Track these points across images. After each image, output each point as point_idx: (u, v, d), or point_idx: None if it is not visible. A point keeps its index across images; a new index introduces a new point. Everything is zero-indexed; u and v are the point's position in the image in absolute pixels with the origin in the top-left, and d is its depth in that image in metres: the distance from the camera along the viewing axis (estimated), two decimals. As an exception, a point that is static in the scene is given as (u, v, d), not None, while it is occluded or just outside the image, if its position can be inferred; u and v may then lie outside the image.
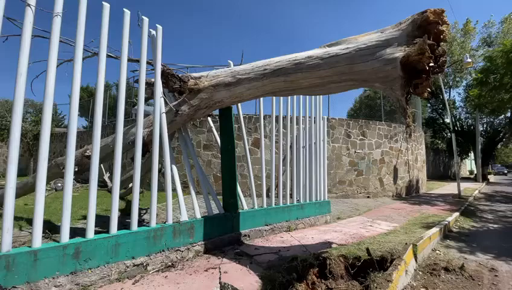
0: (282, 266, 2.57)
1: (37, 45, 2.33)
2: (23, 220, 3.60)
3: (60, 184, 6.52)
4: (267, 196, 3.98)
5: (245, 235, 3.42)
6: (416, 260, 2.91)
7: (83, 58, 2.30)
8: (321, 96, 4.85)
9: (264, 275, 2.38)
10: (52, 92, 2.04)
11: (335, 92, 3.05)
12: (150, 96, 3.13)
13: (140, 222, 2.66)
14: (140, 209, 3.57)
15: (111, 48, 2.79)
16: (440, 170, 23.19)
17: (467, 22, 17.75)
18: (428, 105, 21.14)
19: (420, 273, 2.74)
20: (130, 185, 3.98)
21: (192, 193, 3.14)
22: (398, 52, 2.25)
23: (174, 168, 3.00)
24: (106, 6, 2.40)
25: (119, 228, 2.40)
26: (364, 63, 2.43)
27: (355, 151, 8.70)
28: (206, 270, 2.47)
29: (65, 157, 2.26)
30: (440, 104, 20.08)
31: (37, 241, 1.96)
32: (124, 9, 2.53)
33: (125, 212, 4.31)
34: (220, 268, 2.52)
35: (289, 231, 4.01)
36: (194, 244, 2.85)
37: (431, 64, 2.22)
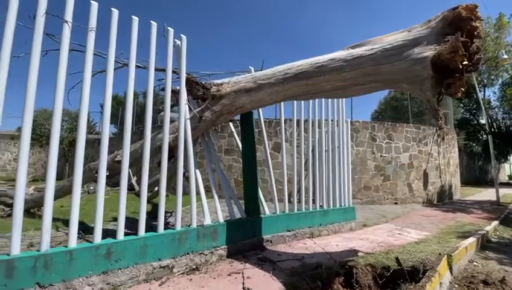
0: (306, 274, 2.51)
1: (73, 57, 2.52)
2: (59, 221, 3.86)
3: (92, 187, 6.93)
4: (289, 201, 3.94)
5: (267, 241, 3.39)
6: (451, 272, 2.71)
7: (114, 69, 2.45)
8: (344, 99, 4.74)
9: (287, 282, 2.34)
10: (87, 102, 2.20)
11: (359, 94, 2.97)
12: (174, 103, 3.25)
13: (166, 225, 2.74)
14: (165, 212, 3.69)
15: (139, 59, 2.95)
16: (475, 175, 21.55)
17: (500, 16, 16.51)
18: (461, 105, 19.80)
19: (456, 286, 2.54)
20: (156, 188, 4.13)
21: (215, 197, 3.19)
22: (428, 51, 2.15)
23: (198, 172, 3.07)
24: (135, 20, 2.54)
25: (146, 230, 2.49)
26: (391, 64, 2.34)
27: (381, 155, 8.35)
28: (230, 275, 2.48)
29: (98, 162, 2.41)
30: (474, 104, 18.72)
31: (73, 241, 2.09)
32: (151, 21, 2.66)
33: (151, 215, 4.47)
34: (243, 273, 2.52)
35: (312, 237, 3.92)
36: (217, 248, 2.88)
37: (465, 62, 2.09)
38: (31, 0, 2.09)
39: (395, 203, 8.22)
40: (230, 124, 4.30)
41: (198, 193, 2.97)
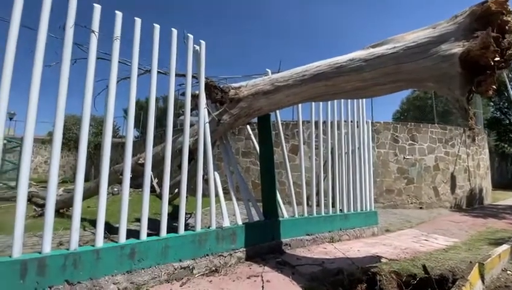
0: (327, 279, 2.45)
1: (98, 64, 2.64)
2: (86, 221, 4.05)
3: (116, 189, 7.23)
4: (308, 204, 3.87)
5: (286, 244, 3.35)
6: (483, 282, 2.53)
7: (138, 76, 2.54)
8: (364, 99, 4.61)
9: (308, 287, 2.30)
10: (113, 107, 2.30)
11: (380, 94, 2.88)
12: (193, 107, 3.32)
13: (185, 226, 2.80)
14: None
15: (159, 65, 3.05)
16: (507, 178, 20.09)
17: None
18: (491, 104, 18.60)
19: (490, 297, 2.37)
20: (176, 190, 4.23)
21: (234, 199, 3.21)
22: (456, 48, 2.04)
23: (217, 175, 3.11)
24: (157, 27, 2.64)
25: (167, 231, 2.55)
26: (415, 62, 2.25)
27: (404, 157, 8.02)
28: (249, 278, 2.47)
29: (122, 164, 2.51)
30: (505, 103, 17.51)
31: (99, 241, 2.18)
32: (172, 28, 2.75)
33: (171, 216, 4.58)
34: (262, 276, 2.50)
35: (332, 242, 3.83)
36: (236, 251, 2.89)
37: (496, 58, 1.96)
38: (60, 12, 2.22)
39: (420, 207, 7.84)
40: (248, 126, 4.32)
41: (216, 195, 3.01)
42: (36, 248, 2.50)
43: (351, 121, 4.48)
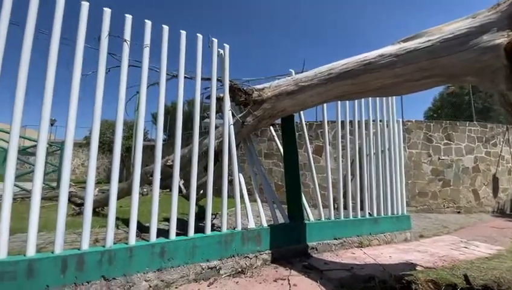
0: (357, 286, 2.34)
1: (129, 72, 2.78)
2: (119, 219, 4.26)
3: (145, 189, 7.57)
4: (334, 207, 3.75)
5: (312, 248, 3.27)
6: (537, 296, 2.27)
7: (166, 81, 2.64)
8: (394, 97, 4.39)
9: (336, 293, 2.21)
10: (144, 112, 2.41)
11: (412, 91, 2.72)
12: (218, 110, 3.37)
13: (211, 227, 2.84)
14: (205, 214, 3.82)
15: (186, 69, 3.14)
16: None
17: None
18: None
19: (547, 315, 2.12)
20: (201, 191, 4.32)
21: (258, 201, 3.20)
22: (500, 38, 1.86)
23: (241, 176, 3.12)
24: (183, 33, 2.72)
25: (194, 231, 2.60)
26: (453, 55, 2.09)
27: (439, 158, 7.50)
28: (275, 281, 2.44)
29: (152, 166, 2.61)
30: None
31: (132, 239, 2.28)
32: (198, 34, 2.82)
33: (197, 216, 4.69)
34: (289, 280, 2.46)
35: (361, 247, 3.67)
36: (262, 253, 2.87)
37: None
38: (94, 21, 2.36)
39: (458, 212, 7.28)
40: (271, 127, 4.30)
41: (241, 196, 3.02)
42: (75, 245, 2.67)
43: (380, 120, 4.29)
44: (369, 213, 4.06)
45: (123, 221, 4.10)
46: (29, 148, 9.43)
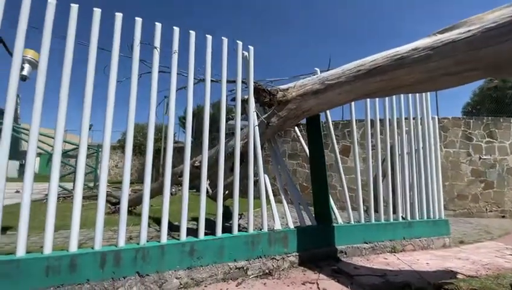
0: (391, 293, 2.22)
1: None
2: (150, 218, 4.45)
3: (173, 189, 7.86)
4: (364, 209, 3.60)
5: (341, 252, 3.17)
6: None
7: (194, 84, 2.72)
8: (428, 93, 4.12)
9: (369, 300, 2.12)
10: (173, 115, 2.50)
11: (450, 86, 2.53)
12: (242, 111, 3.40)
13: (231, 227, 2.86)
14: (231, 214, 3.85)
15: (211, 73, 3.21)
16: None
17: None
18: None
19: None
20: (226, 192, 4.38)
21: (284, 202, 3.17)
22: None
23: (267, 177, 3.12)
24: (209, 38, 2.78)
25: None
26: (496, 46, 1.91)
27: (480, 158, 6.91)
28: (304, 284, 2.39)
29: (180, 167, 2.69)
30: None
31: (164, 237, 2.37)
32: (223, 37, 2.87)
33: (222, 217, 4.76)
34: (318, 284, 2.40)
35: (394, 252, 3.48)
36: (289, 255, 2.84)
37: None
38: (127, 30, 2.50)
39: (502, 216, 6.64)
40: (295, 128, 4.25)
41: (267, 197, 3.01)
42: (111, 241, 2.84)
43: (413, 118, 4.04)
44: (402, 217, 3.85)
45: (153, 219, 4.28)
46: (69, 151, 10.23)
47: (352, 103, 3.58)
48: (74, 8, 2.24)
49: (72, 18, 2.23)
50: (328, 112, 3.68)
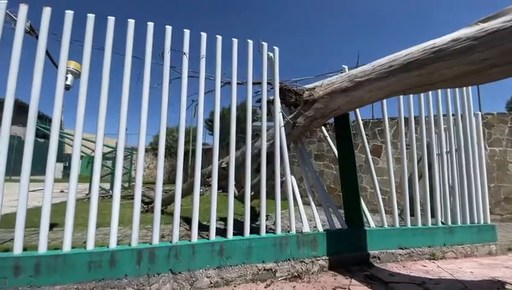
0: (432, 303, 2.06)
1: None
2: (180, 218, 4.61)
3: (201, 190, 8.10)
4: (399, 214, 3.40)
5: (374, 257, 3.02)
6: None
7: (221, 87, 2.77)
8: (469, 87, 3.79)
9: (407, 309, 1.99)
10: (202, 118, 2.57)
11: (496, 79, 2.30)
12: (268, 112, 3.39)
13: (258, 228, 2.84)
14: (257, 215, 3.86)
15: (237, 75, 3.25)
16: None
17: None
18: None
19: None
20: (252, 193, 4.39)
21: (312, 204, 3.10)
22: None
23: (293, 178, 3.07)
24: (235, 41, 2.82)
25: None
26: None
27: (531, 157, 6.21)
28: (334, 289, 2.31)
29: (208, 168, 2.75)
30: None
31: (194, 236, 2.44)
32: (248, 40, 2.90)
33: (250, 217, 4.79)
34: (349, 289, 2.31)
35: (433, 259, 3.24)
36: (318, 258, 2.76)
37: None
38: (158, 38, 2.62)
39: None
40: (322, 128, 4.14)
41: (294, 199, 2.97)
42: (145, 239, 2.98)
43: (453, 115, 3.74)
44: (441, 222, 3.58)
45: (183, 219, 4.43)
46: (107, 154, 10.97)
47: (384, 100, 3.41)
48: (111, 20, 2.40)
49: (110, 30, 2.39)
50: (357, 110, 3.55)
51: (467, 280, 2.62)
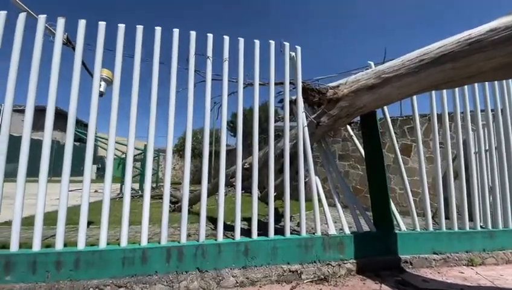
0: (473, 313, 1.92)
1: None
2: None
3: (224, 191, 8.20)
4: (432, 216, 3.21)
5: (405, 262, 2.87)
6: None
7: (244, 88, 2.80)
8: (509, 80, 3.48)
9: (444, 318, 1.86)
10: (226, 120, 2.61)
11: (543, 69, 2.09)
12: (290, 112, 3.37)
13: (282, 229, 2.81)
14: (280, 216, 3.82)
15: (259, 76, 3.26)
16: None
17: None
18: None
19: None
20: (275, 193, 4.37)
21: (338, 206, 3.03)
22: None
23: (318, 179, 3.02)
24: (257, 42, 2.84)
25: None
26: None
27: None
28: (363, 294, 2.24)
29: (232, 169, 2.78)
30: None
31: (220, 236, 2.49)
32: (270, 40, 2.90)
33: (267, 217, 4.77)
34: (380, 294, 2.22)
35: (472, 265, 3.01)
36: (345, 261, 2.69)
37: None
38: (183, 42, 2.70)
39: None
40: (348, 127, 4.02)
41: (319, 200, 2.91)
42: (173, 237, 3.08)
43: (492, 110, 3.46)
44: (480, 225, 3.32)
45: (207, 218, 4.51)
46: (136, 156, 11.55)
47: (414, 97, 3.24)
48: (139, 28, 2.53)
49: (138, 41, 2.51)
50: (385, 108, 3.40)
51: (509, 288, 2.40)
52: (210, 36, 2.70)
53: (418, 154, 3.31)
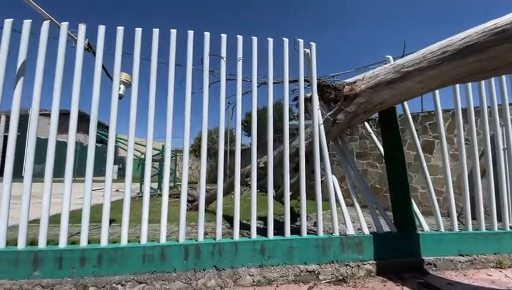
0: (504, 319, 1.80)
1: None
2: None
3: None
4: (458, 216, 3.05)
5: (429, 264, 2.75)
6: None
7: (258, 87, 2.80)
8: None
9: (472, 324, 1.77)
10: (240, 120, 2.62)
11: None
12: (305, 110, 3.32)
13: (298, 229, 2.78)
14: (295, 215, 3.77)
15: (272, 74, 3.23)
16: None
17: None
18: None
19: None
20: (290, 193, 4.33)
21: (357, 205, 2.95)
22: None
23: (335, 178, 2.95)
24: (270, 40, 2.82)
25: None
26: None
27: None
28: (384, 296, 2.17)
29: (246, 168, 2.79)
30: None
31: (236, 234, 2.50)
32: (283, 38, 2.87)
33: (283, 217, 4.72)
34: (401, 297, 2.14)
35: (500, 268, 2.83)
36: (365, 263, 2.61)
37: None
38: (197, 42, 2.73)
39: None
40: (366, 124, 3.91)
41: (336, 200, 2.85)
42: (190, 236, 3.14)
43: (522, 103, 3.23)
44: (510, 226, 3.12)
45: (223, 217, 4.55)
46: (154, 156, 11.89)
47: (437, 91, 3.09)
48: (155, 32, 2.59)
49: (154, 46, 2.57)
50: (405, 103, 3.27)
51: (549, 295, 2.24)
52: (224, 36, 2.72)
53: (442, 151, 3.16)
